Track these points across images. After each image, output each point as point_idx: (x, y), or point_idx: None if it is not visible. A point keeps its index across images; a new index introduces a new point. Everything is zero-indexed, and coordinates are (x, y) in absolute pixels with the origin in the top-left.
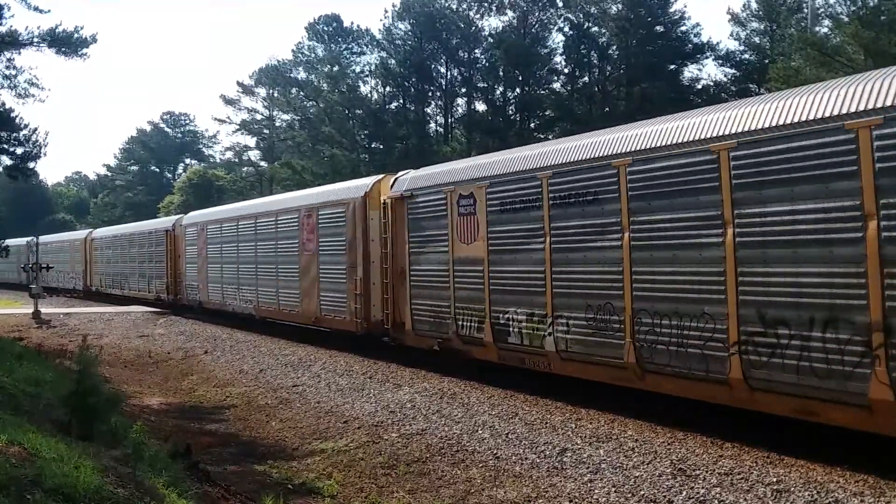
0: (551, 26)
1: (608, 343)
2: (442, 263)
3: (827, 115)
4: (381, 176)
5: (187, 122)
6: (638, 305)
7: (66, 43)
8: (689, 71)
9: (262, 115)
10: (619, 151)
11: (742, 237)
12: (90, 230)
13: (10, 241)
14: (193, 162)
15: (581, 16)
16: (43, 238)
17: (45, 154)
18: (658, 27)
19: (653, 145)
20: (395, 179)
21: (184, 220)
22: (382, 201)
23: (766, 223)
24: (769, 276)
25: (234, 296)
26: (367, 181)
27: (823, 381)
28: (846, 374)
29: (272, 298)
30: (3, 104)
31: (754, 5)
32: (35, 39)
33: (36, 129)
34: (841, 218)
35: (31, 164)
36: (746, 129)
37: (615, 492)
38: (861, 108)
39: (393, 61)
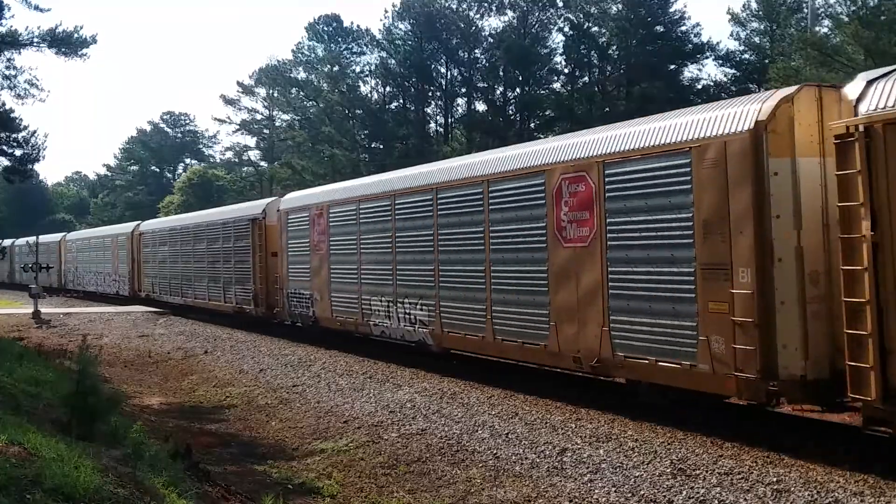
0: (551, 26)
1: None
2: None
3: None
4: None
5: (187, 122)
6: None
7: (66, 43)
8: (689, 71)
9: (262, 115)
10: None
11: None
12: (137, 223)
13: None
14: (193, 162)
15: (581, 16)
16: (73, 235)
17: (43, 157)
18: (658, 27)
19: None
20: None
21: (283, 204)
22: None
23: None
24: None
25: (384, 311)
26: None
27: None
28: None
29: (473, 316)
30: (3, 104)
31: (754, 5)
32: (35, 39)
33: (35, 132)
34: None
35: (30, 167)
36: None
37: (615, 492)
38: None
39: (393, 61)
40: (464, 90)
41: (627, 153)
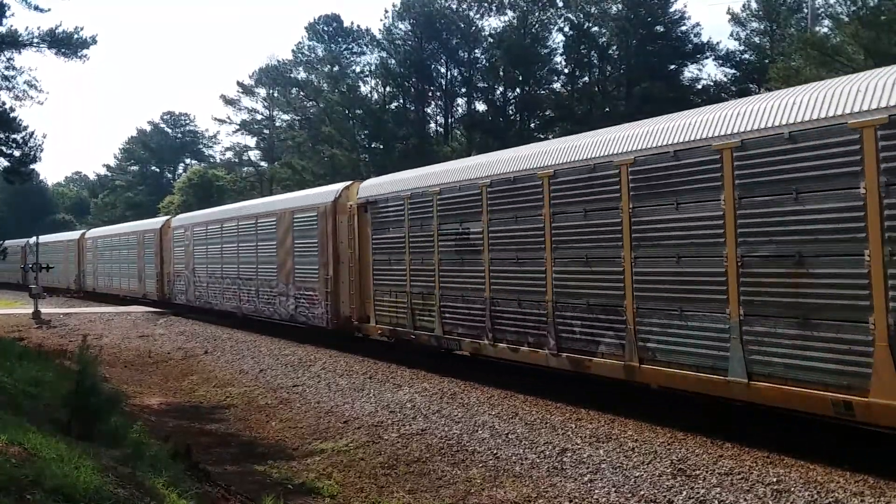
0: (551, 26)
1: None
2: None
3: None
4: None
5: (187, 122)
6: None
7: (66, 44)
8: (690, 71)
9: (262, 115)
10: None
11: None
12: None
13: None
14: (193, 162)
15: (581, 16)
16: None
17: (40, 159)
18: (658, 27)
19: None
20: None
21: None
22: None
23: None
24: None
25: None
26: None
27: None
28: None
29: None
30: (3, 104)
31: (754, 5)
32: (35, 40)
33: (33, 133)
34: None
35: (29, 168)
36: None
37: (615, 492)
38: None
39: (393, 61)
40: (464, 90)
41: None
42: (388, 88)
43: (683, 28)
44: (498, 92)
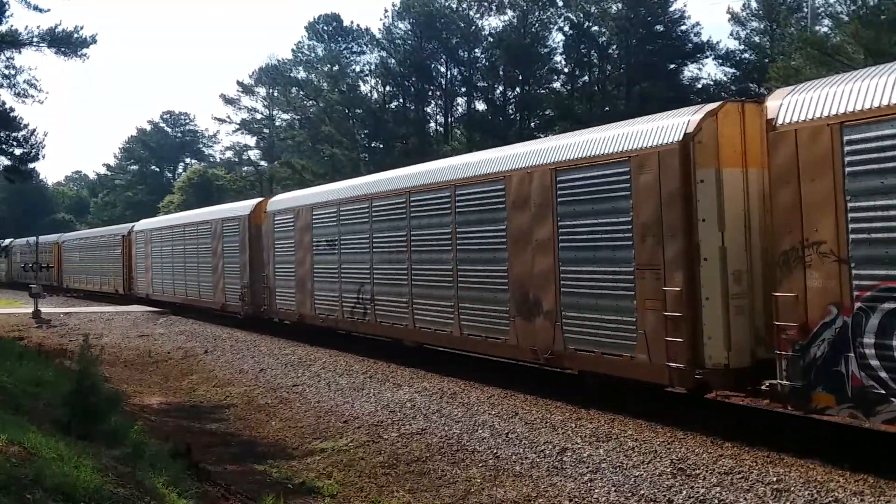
0: (551, 26)
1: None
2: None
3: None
4: None
5: (187, 121)
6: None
7: (66, 43)
8: (689, 70)
9: (261, 114)
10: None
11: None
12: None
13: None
14: (193, 161)
15: (581, 15)
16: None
17: (43, 156)
18: (658, 27)
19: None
20: None
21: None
22: None
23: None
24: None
25: None
26: None
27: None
28: None
29: None
30: (3, 104)
31: (754, 4)
32: (35, 39)
33: (34, 131)
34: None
35: (30, 166)
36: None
37: (615, 491)
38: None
39: (393, 61)
40: (464, 90)
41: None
42: (387, 88)
43: (683, 27)
44: (498, 91)
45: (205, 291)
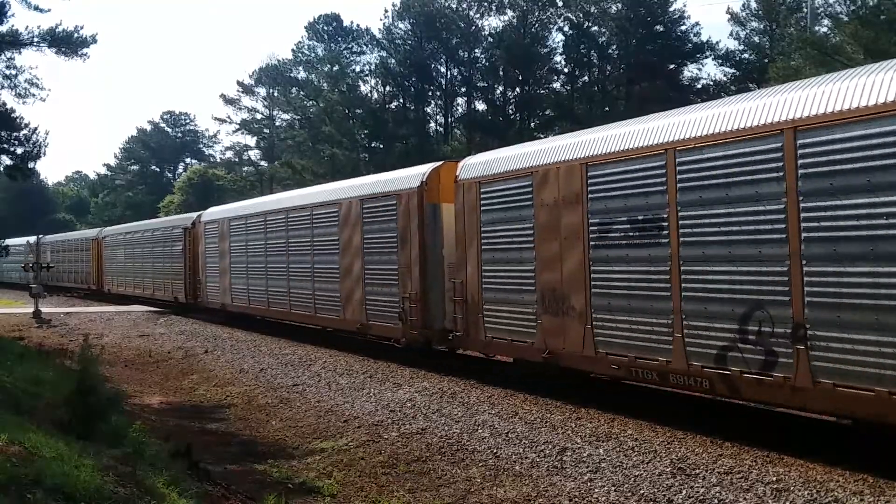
0: (551, 26)
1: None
2: None
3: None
4: None
5: (187, 121)
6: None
7: (67, 43)
8: (689, 70)
9: (262, 114)
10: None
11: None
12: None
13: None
14: (194, 161)
15: (581, 15)
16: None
17: (44, 154)
18: (658, 27)
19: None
20: None
21: None
22: None
23: None
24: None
25: None
26: None
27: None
28: None
29: None
30: (4, 104)
31: (754, 5)
32: (35, 39)
33: (36, 129)
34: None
35: (31, 164)
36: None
37: (615, 491)
38: None
39: (393, 61)
40: (464, 90)
41: None
42: (387, 88)
43: (683, 27)
44: (498, 91)
45: (325, 304)
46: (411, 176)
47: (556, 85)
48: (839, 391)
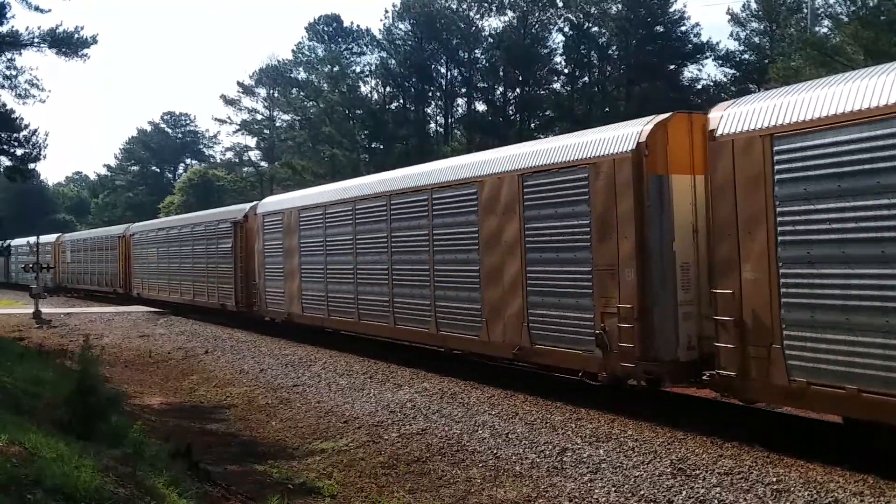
0: (551, 26)
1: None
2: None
3: None
4: None
5: (188, 122)
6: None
7: (67, 43)
8: (689, 71)
9: (262, 115)
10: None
11: None
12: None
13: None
14: (194, 162)
15: (581, 16)
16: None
17: (44, 156)
18: (658, 27)
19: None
20: None
21: None
22: None
23: None
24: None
25: None
26: None
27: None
28: None
29: None
30: (4, 105)
31: (754, 5)
32: (36, 40)
33: (36, 131)
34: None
35: (31, 166)
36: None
37: (615, 491)
38: None
39: (393, 61)
40: (464, 90)
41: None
42: (388, 88)
43: (683, 28)
44: (498, 92)
45: (454, 318)
46: (619, 136)
47: (557, 85)
48: None
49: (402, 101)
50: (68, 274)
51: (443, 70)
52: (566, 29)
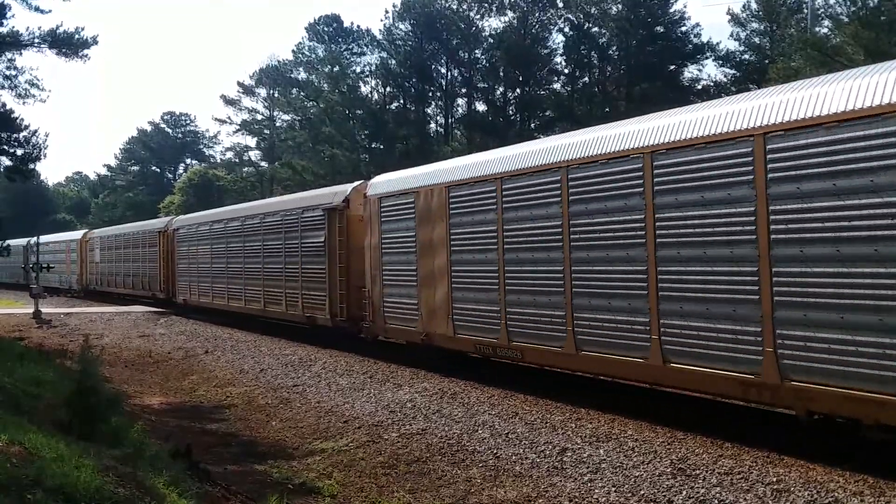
0: (551, 27)
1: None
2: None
3: None
4: None
5: (188, 122)
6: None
7: (67, 44)
8: (690, 71)
9: (262, 115)
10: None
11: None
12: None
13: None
14: (194, 162)
15: (581, 16)
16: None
17: (44, 156)
18: (658, 27)
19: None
20: None
21: None
22: None
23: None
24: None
25: None
26: None
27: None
28: None
29: None
30: (4, 105)
31: (754, 5)
32: (36, 40)
33: (36, 131)
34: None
35: (31, 166)
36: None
37: (615, 491)
38: None
39: (393, 62)
40: (464, 90)
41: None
42: (388, 89)
43: (683, 28)
44: (498, 92)
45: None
46: None
47: (557, 86)
48: None
49: (402, 101)
50: (96, 275)
51: (443, 70)
52: (566, 29)
